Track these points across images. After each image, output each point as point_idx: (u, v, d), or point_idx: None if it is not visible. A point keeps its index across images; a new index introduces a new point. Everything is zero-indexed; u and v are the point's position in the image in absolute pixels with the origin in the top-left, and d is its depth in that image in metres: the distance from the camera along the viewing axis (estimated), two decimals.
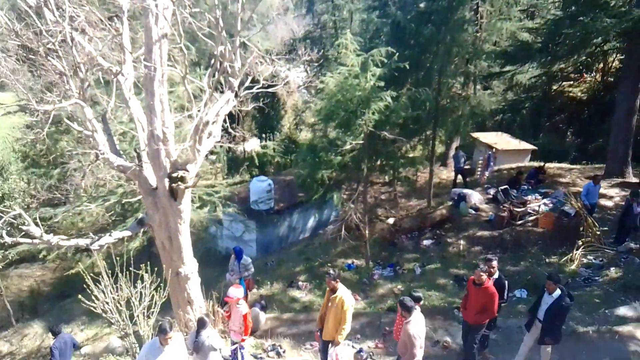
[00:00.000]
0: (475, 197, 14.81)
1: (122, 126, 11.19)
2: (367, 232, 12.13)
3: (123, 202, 12.36)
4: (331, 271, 6.70)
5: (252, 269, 10.30)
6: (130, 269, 6.76)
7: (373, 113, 10.70)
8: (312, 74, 28.62)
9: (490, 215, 13.69)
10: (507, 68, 18.36)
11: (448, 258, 12.36)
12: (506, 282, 7.30)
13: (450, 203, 14.95)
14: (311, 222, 17.73)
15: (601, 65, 29.48)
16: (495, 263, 7.15)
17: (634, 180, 16.69)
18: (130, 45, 7.71)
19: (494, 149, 18.74)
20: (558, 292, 6.14)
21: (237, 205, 15.08)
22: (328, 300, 6.68)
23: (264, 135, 30.17)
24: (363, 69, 10.89)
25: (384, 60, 11.05)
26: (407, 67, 11.29)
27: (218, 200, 13.76)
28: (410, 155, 14.24)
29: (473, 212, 14.14)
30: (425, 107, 13.16)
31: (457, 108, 14.86)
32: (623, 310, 8.41)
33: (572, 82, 32.88)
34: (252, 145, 30.38)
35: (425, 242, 13.43)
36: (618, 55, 24.50)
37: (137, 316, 6.97)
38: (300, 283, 11.91)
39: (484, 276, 6.50)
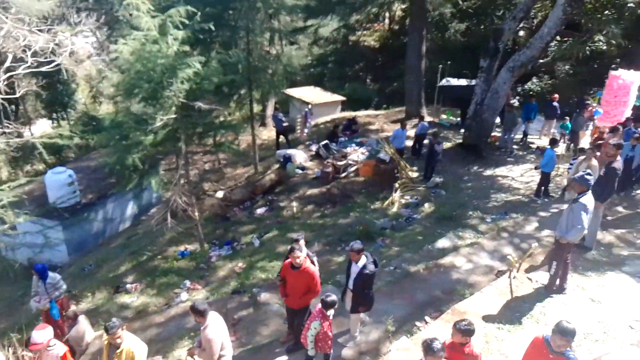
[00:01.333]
0: (300, 156, 14.90)
1: None
2: (196, 213, 11.12)
3: None
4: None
5: (64, 286, 8.53)
6: None
7: (182, 82, 9.48)
8: (102, 39, 24.93)
9: (317, 172, 13.96)
10: (310, 22, 18.55)
11: (284, 223, 12.23)
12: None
13: (277, 166, 14.80)
14: (130, 209, 15.75)
15: (388, 14, 32.09)
16: (302, 242, 6.40)
17: (429, 119, 18.86)
18: None
19: (310, 105, 19.02)
20: (363, 260, 5.94)
21: (32, 210, 12.35)
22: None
23: (55, 115, 25.62)
24: (162, 33, 9.45)
25: (186, 22, 9.75)
26: (213, 27, 10.23)
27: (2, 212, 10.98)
28: (229, 120, 13.46)
29: (300, 171, 14.25)
30: (237, 69, 12.37)
31: (269, 67, 14.42)
32: (441, 243, 9.36)
33: (365, 32, 35.46)
34: (42, 128, 25.68)
35: (259, 211, 13.06)
36: (401, 5, 26.77)
37: None
38: (128, 285, 10.37)
39: (301, 258, 5.93)
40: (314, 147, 15.84)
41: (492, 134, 15.43)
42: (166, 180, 12.06)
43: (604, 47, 14.19)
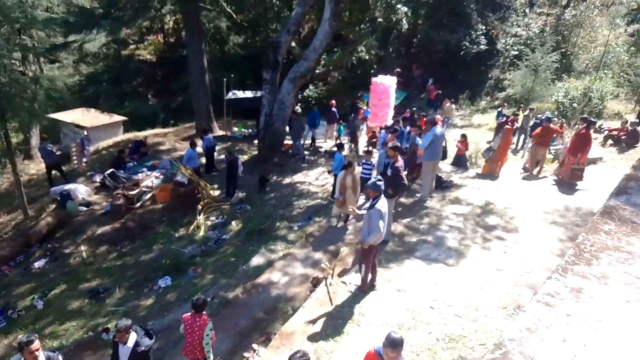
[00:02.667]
0: (81, 190, 12.90)
1: None
2: None
3: None
4: None
5: None
6: None
7: None
8: None
9: (106, 206, 12.27)
10: (72, 37, 16.27)
11: (73, 272, 10.35)
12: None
13: (54, 206, 12.49)
14: None
15: (163, 26, 30.81)
16: (37, 343, 4.62)
17: (221, 133, 18.62)
18: None
19: (85, 130, 16.76)
20: (133, 337, 5.06)
21: None
22: None
23: None
24: None
25: None
26: None
27: None
28: None
29: (85, 208, 12.31)
30: None
31: (26, 90, 12.03)
32: (255, 260, 9.15)
33: (139, 45, 33.35)
34: None
35: (38, 264, 10.76)
36: (174, 17, 25.94)
37: None
38: None
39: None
40: (97, 178, 13.93)
41: (285, 142, 16.03)
42: None
43: (366, 56, 16.06)
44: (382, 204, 6.21)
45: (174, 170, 12.91)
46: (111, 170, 13.47)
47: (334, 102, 16.98)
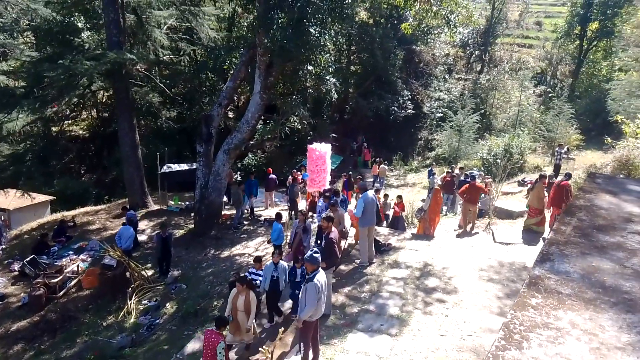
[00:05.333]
0: None
1: None
2: None
3: None
4: None
5: None
6: None
7: None
8: None
9: (23, 297, 11.15)
10: None
11: None
12: None
13: None
14: None
15: (95, 101, 30.25)
16: None
17: (156, 207, 17.98)
18: None
19: (3, 215, 15.60)
20: None
21: None
22: None
23: None
24: None
25: None
26: None
27: None
28: None
29: None
30: None
31: None
32: (191, 346, 8.51)
33: (71, 121, 32.42)
34: None
35: None
36: (106, 92, 25.64)
37: None
38: None
39: None
40: (16, 266, 12.76)
41: (222, 212, 15.69)
42: None
43: (299, 126, 16.47)
44: (320, 277, 6.04)
45: (102, 253, 12.10)
46: (31, 256, 12.41)
47: (270, 169, 17.07)
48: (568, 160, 19.58)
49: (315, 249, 6.17)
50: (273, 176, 17.63)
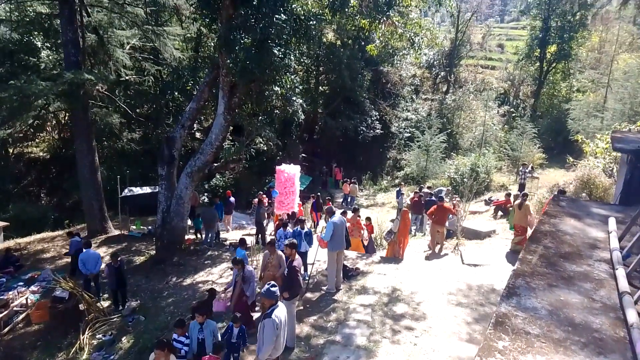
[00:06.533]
0: None
1: None
2: None
3: None
4: None
5: None
6: None
7: None
8: None
9: None
10: None
11: None
12: None
13: None
14: None
15: (59, 121, 29.28)
16: None
17: (116, 232, 17.21)
18: None
19: None
20: None
21: None
22: None
23: None
24: None
25: None
26: None
27: None
28: None
29: None
30: None
31: None
32: None
33: (29, 143, 31.21)
34: None
35: None
36: (67, 113, 24.77)
37: None
38: None
39: None
40: None
41: (187, 237, 15.13)
42: None
43: (264, 147, 16.19)
44: (279, 312, 5.67)
45: (53, 284, 11.34)
46: None
47: (230, 192, 16.71)
48: (532, 179, 19.93)
49: (273, 282, 5.80)
50: (232, 199, 17.21)
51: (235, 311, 7.79)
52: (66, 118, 29.87)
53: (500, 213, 16.45)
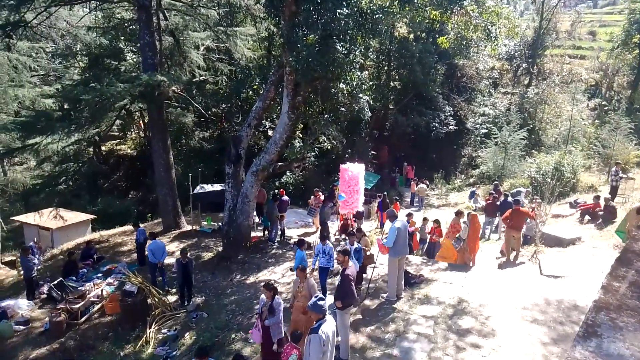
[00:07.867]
0: (22, 305, 11.72)
1: None
2: None
3: None
4: None
5: None
6: None
7: None
8: None
9: (45, 324, 11.05)
10: (33, 140, 15.92)
11: None
12: None
13: None
14: None
15: (139, 121, 31.11)
16: None
17: (188, 228, 17.85)
18: None
19: (34, 238, 15.95)
20: None
21: None
22: None
23: None
24: None
25: None
26: None
27: None
28: None
29: (21, 327, 11.03)
30: None
31: None
32: None
33: (119, 141, 33.54)
34: None
35: None
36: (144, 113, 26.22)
37: None
38: None
39: None
40: (45, 288, 12.80)
41: (253, 234, 15.30)
42: None
43: (328, 146, 15.91)
44: (326, 327, 5.32)
45: (125, 278, 11.89)
46: (59, 280, 12.39)
47: (283, 191, 16.63)
48: (627, 180, 17.79)
49: (320, 295, 5.46)
50: (286, 198, 17.09)
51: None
52: (147, 118, 31.72)
53: (587, 218, 14.84)
